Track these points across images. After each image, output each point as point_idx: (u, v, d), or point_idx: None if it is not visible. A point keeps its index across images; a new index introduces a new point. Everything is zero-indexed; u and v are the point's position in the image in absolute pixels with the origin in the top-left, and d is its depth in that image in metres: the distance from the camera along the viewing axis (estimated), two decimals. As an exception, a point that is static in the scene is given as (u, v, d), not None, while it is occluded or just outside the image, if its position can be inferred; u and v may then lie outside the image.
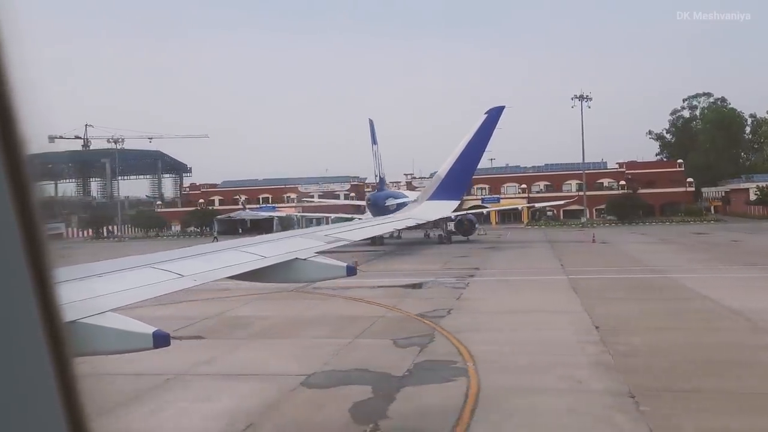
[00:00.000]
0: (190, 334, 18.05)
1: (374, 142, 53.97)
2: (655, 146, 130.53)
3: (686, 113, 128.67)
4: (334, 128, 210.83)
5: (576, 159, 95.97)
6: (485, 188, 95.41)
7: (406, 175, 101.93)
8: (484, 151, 11.78)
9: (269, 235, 8.33)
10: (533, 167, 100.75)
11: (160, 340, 3.96)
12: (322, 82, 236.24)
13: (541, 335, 15.84)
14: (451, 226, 54.53)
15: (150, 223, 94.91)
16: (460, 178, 11.43)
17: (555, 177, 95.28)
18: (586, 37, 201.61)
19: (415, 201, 49.55)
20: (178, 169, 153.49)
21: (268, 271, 6.09)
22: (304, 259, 6.35)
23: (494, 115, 11.50)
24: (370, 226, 10.62)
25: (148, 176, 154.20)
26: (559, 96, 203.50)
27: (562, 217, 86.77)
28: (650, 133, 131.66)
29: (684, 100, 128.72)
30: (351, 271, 6.44)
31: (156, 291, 4.75)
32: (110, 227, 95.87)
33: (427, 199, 11.64)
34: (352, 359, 14.18)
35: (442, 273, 30.65)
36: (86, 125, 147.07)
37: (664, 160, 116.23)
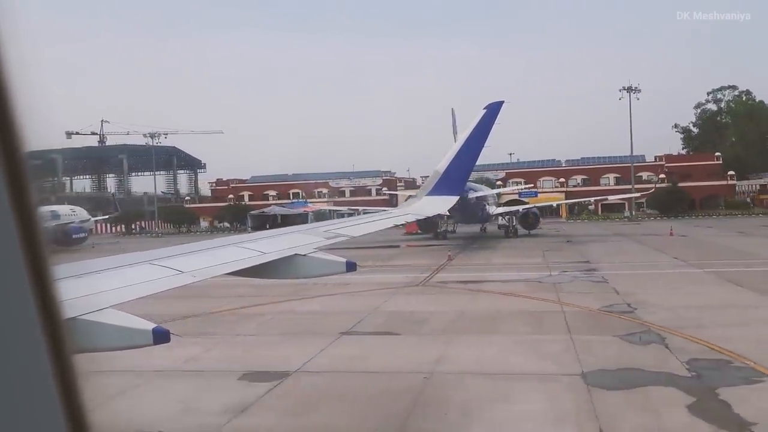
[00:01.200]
0: (377, 329, 16.98)
1: (456, 132, 51.75)
2: (676, 139, 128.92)
3: (711, 106, 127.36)
4: (338, 126, 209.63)
5: (602, 153, 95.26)
6: (521, 182, 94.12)
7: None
8: (483, 146, 11.48)
9: (269, 231, 8.27)
10: (568, 161, 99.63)
11: (160, 336, 3.92)
12: (325, 80, 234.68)
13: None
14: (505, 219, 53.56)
15: (180, 219, 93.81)
16: (459, 173, 11.25)
17: (592, 171, 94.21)
18: (586, 34, 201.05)
19: (490, 194, 47.93)
20: (192, 165, 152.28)
21: (267, 267, 6.08)
22: (304, 255, 6.31)
23: (493, 110, 11.25)
24: (369, 222, 10.17)
25: (162, 172, 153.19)
26: (560, 93, 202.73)
27: (600, 212, 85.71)
28: (676, 126, 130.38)
29: (708, 93, 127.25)
30: (351, 267, 6.35)
31: (155, 287, 4.71)
32: (141, 223, 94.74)
33: (426, 195, 11.34)
34: (603, 358, 13.07)
35: (553, 267, 29.52)
36: (102, 121, 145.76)
37: (691, 153, 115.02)
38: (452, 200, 11.34)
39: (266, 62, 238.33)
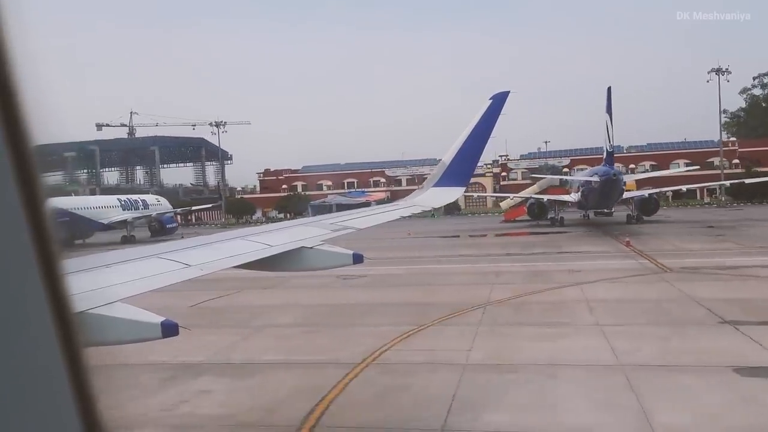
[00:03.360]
0: (763, 319, 14.79)
1: (609, 112, 48.57)
2: (713, 125, 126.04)
3: (757, 91, 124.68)
4: (347, 120, 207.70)
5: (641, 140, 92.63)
6: (585, 169, 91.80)
7: (501, 156, 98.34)
8: (489, 137, 11.27)
9: (276, 223, 8.36)
10: (631, 147, 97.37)
11: (168, 329, 3.92)
12: (332, 75, 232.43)
13: None
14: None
15: (239, 210, 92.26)
16: (465, 164, 11.20)
17: (661, 157, 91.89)
18: (589, 30, 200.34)
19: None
20: (219, 156, 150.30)
21: (274, 259, 6.09)
22: (310, 248, 6.37)
23: (499, 100, 11.08)
24: (375, 214, 9.96)
25: (189, 164, 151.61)
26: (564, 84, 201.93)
27: (671, 199, 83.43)
28: (725, 112, 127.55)
29: (755, 78, 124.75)
30: (357, 258, 6.38)
31: (164, 281, 4.71)
32: (197, 213, 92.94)
33: (433, 186, 11.24)
34: None
35: (757, 252, 27.43)
36: (131, 112, 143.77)
37: (731, 139, 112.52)
38: (459, 191, 11.30)
39: (269, 56, 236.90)
